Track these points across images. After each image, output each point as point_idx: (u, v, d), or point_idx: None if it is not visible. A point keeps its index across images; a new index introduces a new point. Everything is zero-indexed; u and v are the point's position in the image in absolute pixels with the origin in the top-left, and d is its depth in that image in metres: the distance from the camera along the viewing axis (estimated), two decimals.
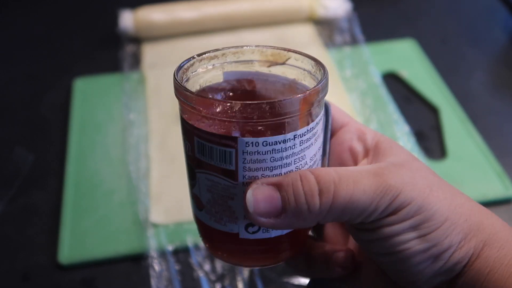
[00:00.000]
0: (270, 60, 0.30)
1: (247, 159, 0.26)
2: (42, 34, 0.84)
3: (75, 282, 0.50)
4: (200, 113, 0.26)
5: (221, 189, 0.27)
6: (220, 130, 0.25)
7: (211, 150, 0.26)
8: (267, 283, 0.49)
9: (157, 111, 0.67)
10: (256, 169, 0.26)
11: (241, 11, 0.80)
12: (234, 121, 0.25)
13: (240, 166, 0.26)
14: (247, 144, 0.25)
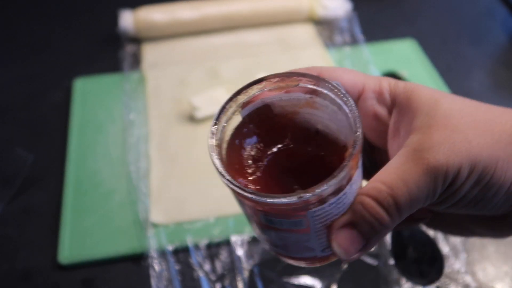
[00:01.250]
0: (282, 86, 0.30)
1: (317, 218, 0.27)
2: (42, 34, 0.84)
3: (75, 282, 0.50)
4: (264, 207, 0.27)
5: (295, 239, 0.29)
6: (288, 213, 0.27)
7: (280, 222, 0.28)
8: (267, 283, 0.49)
9: (157, 111, 0.67)
10: (325, 219, 0.28)
11: (241, 11, 0.80)
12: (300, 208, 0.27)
13: (312, 225, 0.28)
14: (315, 212, 0.27)
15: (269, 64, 0.74)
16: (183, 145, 0.62)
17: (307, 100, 0.30)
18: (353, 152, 0.26)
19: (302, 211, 0.27)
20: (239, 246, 0.52)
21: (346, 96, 0.28)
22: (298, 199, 0.25)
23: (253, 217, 0.30)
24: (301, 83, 0.29)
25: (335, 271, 0.49)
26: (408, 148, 0.28)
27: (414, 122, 0.29)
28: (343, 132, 0.29)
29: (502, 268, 0.50)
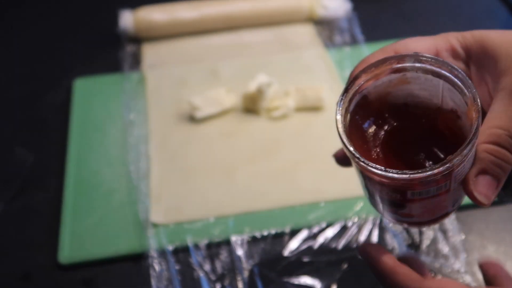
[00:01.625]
0: (378, 73, 0.33)
1: (457, 177, 0.31)
2: (42, 34, 0.84)
3: (75, 282, 0.50)
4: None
5: (437, 202, 0.32)
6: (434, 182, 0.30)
7: (427, 192, 0.31)
8: (267, 283, 0.49)
9: (157, 111, 0.67)
10: (461, 175, 0.31)
11: (241, 11, 0.80)
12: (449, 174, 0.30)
13: (452, 185, 0.31)
14: (457, 172, 0.30)
15: (269, 64, 0.74)
16: (183, 145, 0.62)
17: (399, 79, 0.33)
18: (479, 108, 0.29)
19: (448, 176, 0.30)
20: (239, 246, 0.52)
21: (437, 60, 0.31)
22: (450, 164, 0.28)
23: (396, 197, 0.32)
24: (393, 65, 0.32)
25: (335, 271, 0.49)
26: (505, 91, 0.31)
27: (498, 66, 0.31)
28: (438, 96, 0.32)
29: None
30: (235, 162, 0.60)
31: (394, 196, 0.32)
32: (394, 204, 0.33)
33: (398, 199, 0.32)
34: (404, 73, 0.32)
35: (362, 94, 0.33)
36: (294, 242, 0.52)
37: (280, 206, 0.55)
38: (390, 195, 0.32)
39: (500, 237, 0.52)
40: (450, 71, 0.31)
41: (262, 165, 0.60)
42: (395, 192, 0.31)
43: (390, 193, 0.32)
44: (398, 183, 0.30)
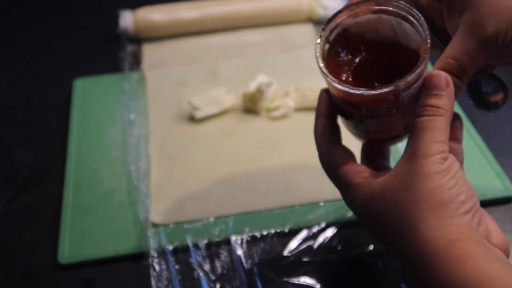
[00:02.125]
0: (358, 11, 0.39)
1: (405, 101, 0.37)
2: (42, 34, 0.84)
3: (75, 282, 0.50)
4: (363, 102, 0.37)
5: (388, 122, 0.39)
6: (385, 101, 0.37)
7: (378, 110, 0.38)
8: (266, 283, 0.49)
9: (157, 111, 0.67)
10: (410, 100, 0.37)
11: (241, 11, 0.80)
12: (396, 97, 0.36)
13: (400, 108, 0.37)
14: (404, 96, 0.36)
15: (269, 64, 0.74)
16: (183, 145, 0.62)
17: (375, 19, 0.39)
18: (427, 46, 0.36)
19: (395, 98, 0.36)
20: (239, 246, 0.52)
21: (407, 7, 0.38)
22: (395, 87, 0.35)
23: (355, 112, 0.39)
24: (372, 7, 0.39)
25: (334, 271, 0.49)
26: (464, 26, 0.37)
27: (462, 1, 0.37)
28: (405, 38, 0.38)
29: None
30: (235, 162, 0.60)
31: (353, 111, 0.39)
32: (354, 119, 0.40)
33: (356, 115, 0.39)
34: (380, 15, 0.39)
35: (343, 27, 0.39)
36: (294, 242, 0.52)
37: (280, 206, 0.55)
38: (352, 111, 0.39)
39: None
40: (413, 16, 0.37)
41: (262, 165, 0.60)
42: (354, 108, 0.38)
43: (351, 108, 0.39)
44: (354, 98, 0.36)
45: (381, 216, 0.35)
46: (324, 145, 0.41)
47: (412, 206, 0.33)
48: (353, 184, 0.38)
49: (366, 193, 0.37)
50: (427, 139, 0.35)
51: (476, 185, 0.56)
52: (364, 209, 0.37)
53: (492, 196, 0.55)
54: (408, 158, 0.35)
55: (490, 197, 0.55)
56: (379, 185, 0.36)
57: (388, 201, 0.35)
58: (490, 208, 0.55)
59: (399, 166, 0.36)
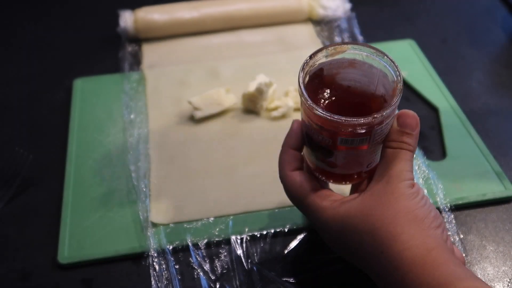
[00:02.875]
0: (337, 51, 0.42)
1: (376, 135, 0.40)
2: (42, 34, 0.84)
3: (75, 281, 0.50)
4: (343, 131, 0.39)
5: (356, 155, 0.42)
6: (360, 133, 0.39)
7: (352, 141, 0.40)
8: (266, 283, 0.49)
9: (157, 111, 0.67)
10: (379, 136, 0.40)
11: (241, 12, 0.80)
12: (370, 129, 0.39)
13: (371, 141, 0.40)
14: (377, 130, 0.39)
15: (269, 64, 0.74)
16: (183, 145, 0.62)
17: (349, 62, 0.42)
18: (401, 86, 0.39)
19: (369, 131, 0.39)
20: (239, 245, 0.52)
21: (381, 53, 0.41)
22: (373, 118, 0.38)
23: (328, 144, 0.41)
24: (348, 50, 0.42)
25: (334, 270, 0.49)
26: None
27: None
28: (373, 83, 0.41)
29: (501, 268, 0.50)
30: (235, 162, 0.60)
31: (327, 142, 0.40)
32: (325, 151, 0.42)
33: (330, 145, 0.41)
34: (354, 59, 0.42)
35: (319, 66, 0.42)
36: (294, 242, 0.52)
37: (280, 206, 0.55)
38: (325, 142, 0.41)
39: (499, 237, 0.52)
40: (385, 63, 0.41)
41: (262, 165, 0.60)
42: (329, 138, 0.40)
43: (326, 139, 0.40)
44: (333, 126, 0.38)
45: (359, 231, 0.39)
46: (290, 173, 0.44)
47: (391, 220, 0.38)
48: (325, 206, 0.42)
49: (342, 212, 0.40)
50: (400, 167, 0.40)
51: (476, 185, 0.57)
52: (340, 228, 0.40)
53: (492, 196, 0.55)
54: (383, 181, 0.40)
55: (490, 197, 0.55)
56: (356, 204, 0.40)
57: (366, 217, 0.39)
58: (490, 208, 0.55)
59: (374, 187, 0.40)
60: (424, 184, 0.56)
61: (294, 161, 0.45)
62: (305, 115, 0.41)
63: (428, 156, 0.60)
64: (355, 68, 0.42)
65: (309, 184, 0.44)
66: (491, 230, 0.53)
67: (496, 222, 0.54)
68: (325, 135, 0.40)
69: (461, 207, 0.55)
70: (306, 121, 0.42)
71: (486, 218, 0.54)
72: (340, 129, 0.39)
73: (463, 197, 0.55)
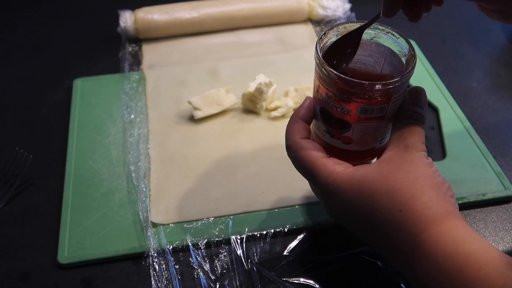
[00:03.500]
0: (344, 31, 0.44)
1: (392, 105, 0.41)
2: (42, 34, 0.84)
3: (75, 281, 0.50)
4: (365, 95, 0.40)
5: (374, 127, 0.42)
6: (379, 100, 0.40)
7: (372, 110, 0.40)
8: (266, 283, 0.49)
9: (157, 111, 0.67)
10: (395, 107, 0.41)
11: (241, 12, 0.80)
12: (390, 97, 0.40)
13: (388, 112, 0.41)
14: (394, 99, 0.40)
15: (269, 64, 0.74)
16: (183, 145, 0.62)
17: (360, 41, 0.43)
18: (414, 58, 0.40)
19: (388, 98, 0.39)
20: (239, 245, 0.52)
21: (388, 29, 0.43)
22: (397, 81, 0.38)
23: (346, 115, 0.41)
24: (356, 28, 0.43)
25: (334, 270, 0.49)
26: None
27: None
28: (378, 62, 0.43)
29: None
30: (235, 162, 0.60)
31: (346, 113, 0.41)
32: (343, 124, 0.42)
33: (348, 117, 0.41)
34: (361, 38, 0.43)
35: (330, 43, 0.43)
36: (294, 242, 0.52)
37: (280, 206, 0.55)
38: (344, 112, 0.41)
39: (499, 237, 0.52)
40: (395, 38, 0.42)
41: (262, 165, 0.60)
42: (348, 109, 0.40)
43: (345, 109, 0.41)
44: (355, 90, 0.39)
45: (377, 193, 0.39)
46: (299, 140, 0.43)
47: (412, 183, 0.38)
48: (339, 171, 0.41)
49: (359, 176, 0.40)
50: (416, 138, 0.41)
51: (476, 185, 0.57)
52: (355, 191, 0.40)
53: (492, 196, 0.55)
54: (400, 149, 0.40)
55: (490, 197, 0.55)
56: (374, 168, 0.40)
57: (386, 179, 0.39)
58: (490, 208, 0.55)
59: (391, 154, 0.41)
60: None
61: (304, 130, 0.44)
62: (323, 87, 0.41)
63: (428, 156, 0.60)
64: (362, 48, 0.43)
65: (320, 150, 0.43)
66: (491, 230, 0.53)
67: (496, 222, 0.54)
68: (345, 105, 0.40)
69: (461, 207, 0.55)
70: (324, 93, 0.41)
71: (486, 218, 0.54)
72: (361, 95, 0.39)
73: (463, 197, 0.55)
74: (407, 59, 0.42)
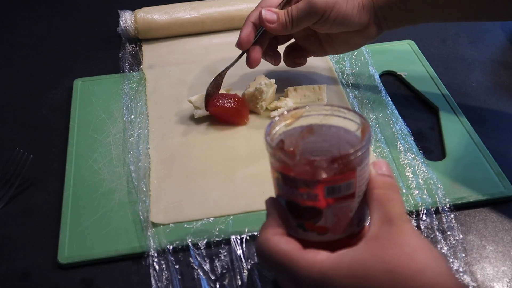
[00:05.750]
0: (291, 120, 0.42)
1: (359, 178, 0.39)
2: (43, 34, 0.84)
3: (75, 281, 0.50)
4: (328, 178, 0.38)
5: (345, 210, 0.39)
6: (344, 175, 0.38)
7: (339, 188, 0.38)
8: (266, 283, 0.49)
9: (157, 111, 0.67)
10: (363, 181, 0.39)
11: (241, 12, 0.80)
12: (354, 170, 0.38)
13: (357, 186, 0.39)
14: (359, 171, 0.38)
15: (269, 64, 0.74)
16: (183, 145, 0.62)
17: (307, 129, 0.42)
18: (368, 125, 0.39)
19: (353, 171, 0.37)
20: (239, 245, 0.52)
21: (335, 108, 0.41)
22: (358, 150, 0.37)
23: (314, 201, 0.38)
24: (304, 114, 0.42)
25: None
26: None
27: None
28: (335, 145, 0.41)
29: (500, 268, 0.50)
30: (235, 162, 0.60)
31: (313, 198, 0.38)
32: (314, 211, 0.39)
33: (317, 202, 0.38)
34: (311, 124, 0.42)
35: (279, 137, 0.41)
36: None
37: None
38: (312, 198, 0.38)
39: (499, 237, 0.52)
40: (344, 115, 0.40)
41: (261, 165, 0.60)
42: (315, 192, 0.38)
43: (312, 195, 0.38)
44: (318, 167, 0.37)
45: (373, 275, 0.35)
46: (272, 237, 0.39)
47: (411, 257, 0.35)
48: (323, 260, 0.37)
49: (348, 260, 0.37)
50: (398, 208, 0.38)
51: (476, 185, 0.57)
52: (347, 279, 0.36)
53: (491, 196, 0.55)
54: (385, 224, 0.37)
55: (489, 197, 0.55)
56: (363, 250, 0.37)
57: (380, 258, 0.36)
58: (489, 208, 0.55)
59: (376, 230, 0.37)
60: (424, 184, 0.56)
61: (277, 227, 0.40)
62: (284, 177, 0.39)
63: (428, 156, 0.60)
64: (314, 134, 0.42)
65: (297, 243, 0.39)
66: (490, 230, 0.53)
67: (496, 222, 0.54)
68: (311, 191, 0.38)
69: (460, 207, 0.55)
70: (286, 184, 0.39)
71: (485, 218, 0.54)
72: (324, 172, 0.37)
73: (462, 197, 0.55)
74: (362, 130, 0.39)
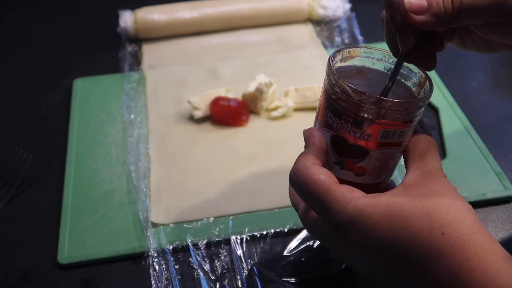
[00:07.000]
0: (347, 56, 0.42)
1: (412, 128, 0.39)
2: (42, 34, 0.84)
3: (75, 281, 0.50)
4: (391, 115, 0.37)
5: (388, 157, 0.40)
6: (404, 122, 0.38)
7: (393, 134, 0.38)
8: (266, 283, 0.49)
9: (157, 111, 0.67)
10: (412, 131, 0.40)
11: (241, 12, 0.80)
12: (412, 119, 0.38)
13: (407, 136, 0.39)
14: (414, 122, 0.38)
15: (269, 64, 0.74)
16: (183, 145, 0.62)
17: (357, 70, 0.42)
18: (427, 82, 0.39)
19: (411, 120, 0.38)
20: (239, 245, 0.52)
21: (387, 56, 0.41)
22: (420, 99, 0.38)
23: (365, 141, 0.38)
24: (360, 54, 0.42)
25: (334, 270, 0.49)
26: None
27: None
28: (377, 92, 0.39)
29: None
30: (235, 162, 0.60)
31: (366, 138, 0.38)
32: (360, 151, 0.39)
33: (367, 143, 0.38)
34: (363, 66, 0.42)
35: (335, 68, 0.41)
36: (294, 242, 0.52)
37: (280, 206, 0.55)
38: (364, 137, 0.38)
39: (499, 237, 0.52)
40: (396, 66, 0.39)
41: (261, 165, 0.60)
42: (369, 132, 0.38)
43: (365, 134, 0.38)
44: (386, 109, 0.36)
45: (411, 216, 0.35)
46: (309, 164, 0.39)
47: (450, 206, 0.36)
48: (358, 197, 0.36)
49: (386, 200, 0.36)
50: (438, 164, 0.39)
51: (476, 185, 0.57)
52: (383, 216, 0.35)
53: (491, 196, 0.55)
54: (424, 174, 0.38)
55: (489, 197, 0.55)
56: (401, 192, 0.37)
57: (419, 200, 0.36)
58: (489, 208, 0.55)
59: (415, 179, 0.38)
60: None
61: (316, 158, 0.39)
62: (341, 110, 0.38)
63: None
64: (361, 77, 0.41)
65: (335, 178, 0.38)
66: (491, 230, 0.53)
67: (496, 222, 0.54)
68: (366, 129, 0.37)
69: None
70: (340, 118, 0.38)
71: (486, 218, 0.54)
72: (390, 115, 0.36)
73: None
74: (424, 81, 0.39)
